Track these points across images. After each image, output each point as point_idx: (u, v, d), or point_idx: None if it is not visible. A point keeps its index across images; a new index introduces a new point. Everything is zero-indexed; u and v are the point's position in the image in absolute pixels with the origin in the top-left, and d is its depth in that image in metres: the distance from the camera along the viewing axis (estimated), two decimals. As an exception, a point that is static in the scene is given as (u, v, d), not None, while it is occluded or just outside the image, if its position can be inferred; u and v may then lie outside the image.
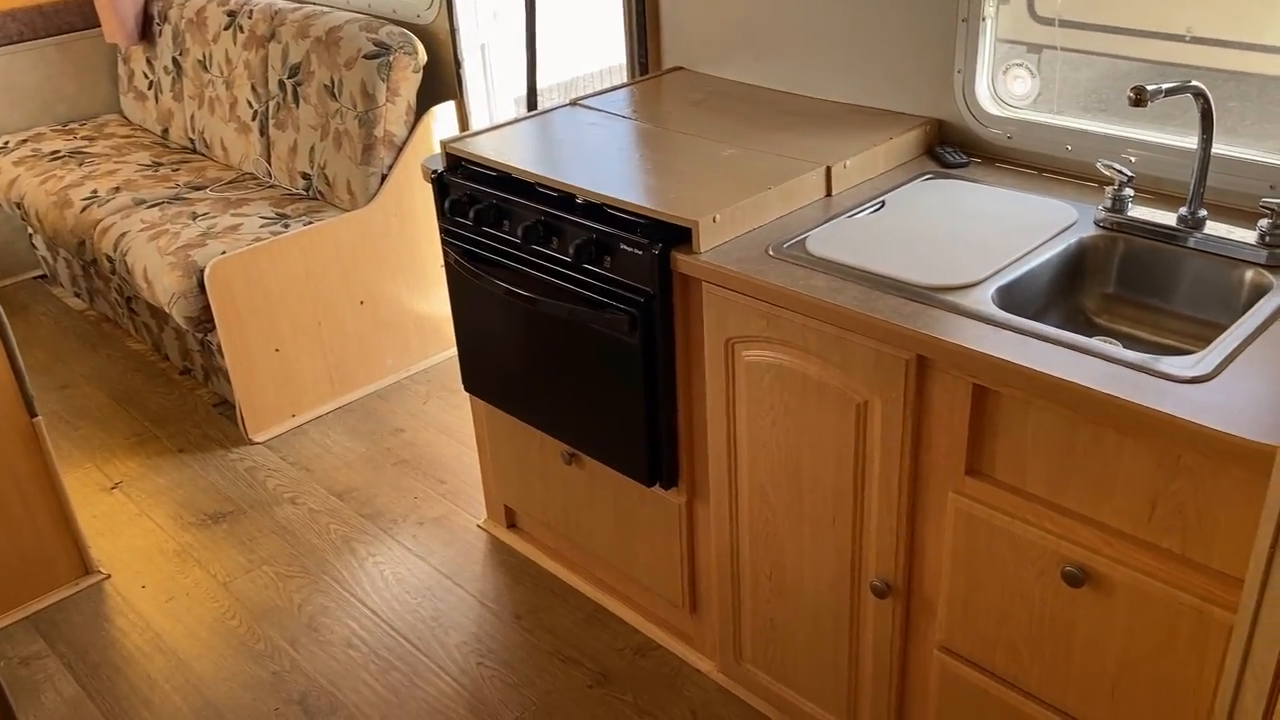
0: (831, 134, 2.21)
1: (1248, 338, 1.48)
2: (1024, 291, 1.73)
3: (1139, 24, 2.61)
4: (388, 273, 3.35)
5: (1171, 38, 2.58)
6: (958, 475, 1.63)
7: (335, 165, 3.30)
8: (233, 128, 3.69)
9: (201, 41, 3.77)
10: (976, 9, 2.09)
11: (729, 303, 1.84)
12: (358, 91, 3.18)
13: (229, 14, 3.66)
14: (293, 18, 3.42)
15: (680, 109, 2.45)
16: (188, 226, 3.22)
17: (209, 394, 3.44)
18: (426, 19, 3.29)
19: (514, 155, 2.23)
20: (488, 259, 2.25)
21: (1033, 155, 2.12)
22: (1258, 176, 1.81)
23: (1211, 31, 2.65)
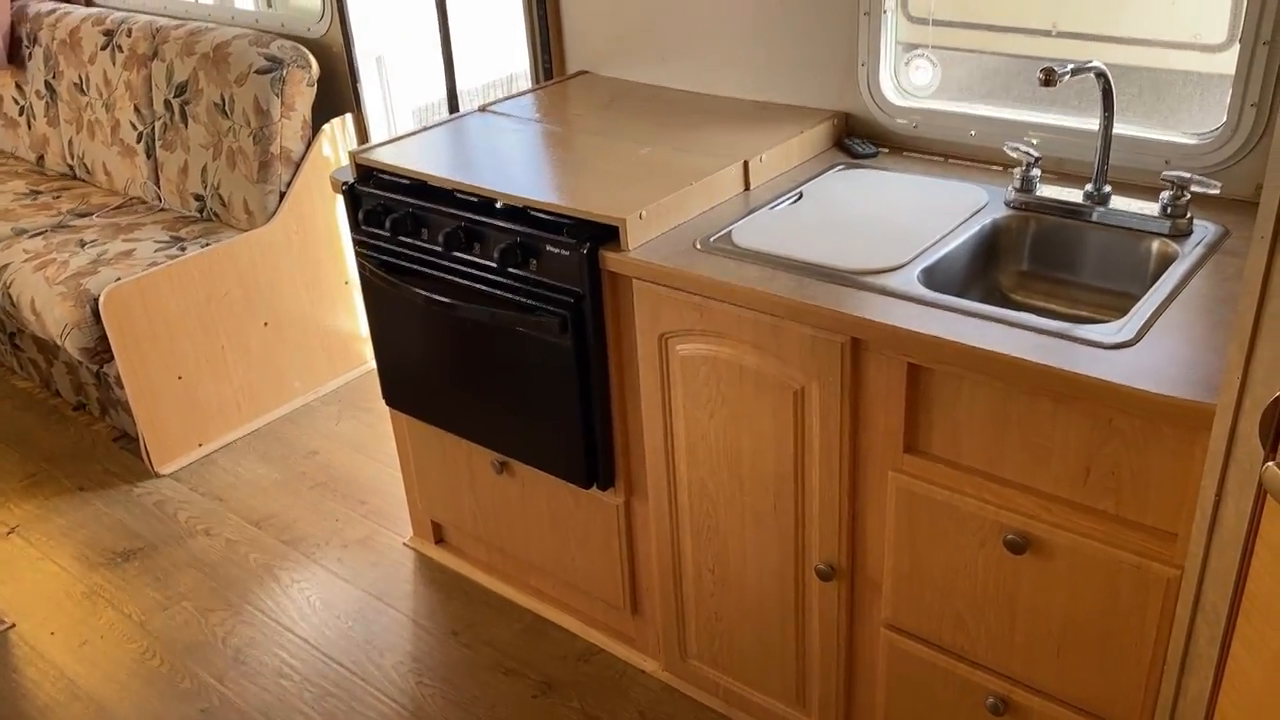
0: (744, 130, 2.24)
1: (1162, 303, 1.55)
2: (945, 272, 1.78)
3: (1008, 21, 2.72)
4: (291, 291, 3.27)
5: (1039, 33, 2.69)
6: (897, 454, 1.67)
7: (230, 184, 3.20)
8: (116, 151, 3.54)
9: (76, 63, 3.61)
10: (878, 3, 2.15)
11: (661, 297, 1.84)
12: (250, 108, 3.09)
13: (106, 33, 3.52)
14: (176, 35, 3.31)
15: (590, 111, 2.45)
16: (76, 254, 3.08)
17: (107, 428, 3.29)
18: (318, 32, 3.22)
19: (429, 162, 2.20)
20: (406, 268, 2.21)
21: (938, 142, 2.19)
22: (1155, 152, 1.90)
23: (1075, 26, 2.77)
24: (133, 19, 3.50)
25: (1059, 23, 2.84)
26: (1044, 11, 2.48)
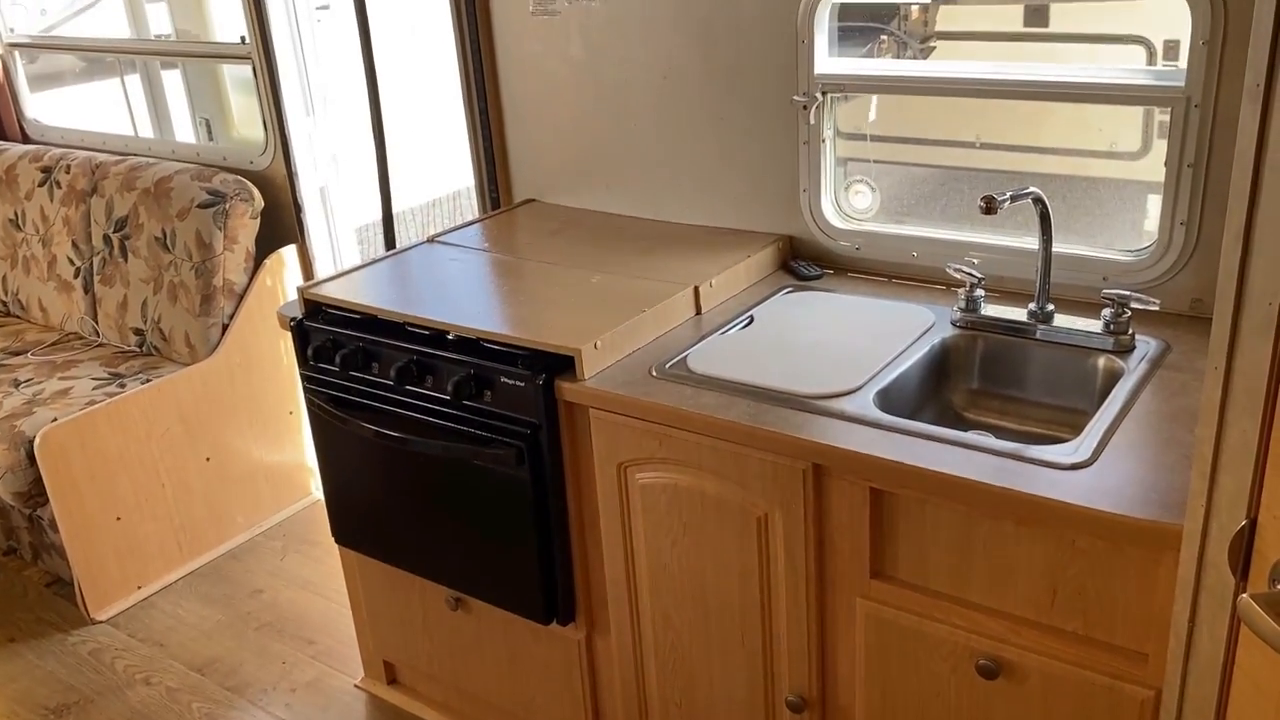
0: (692, 255, 2.27)
1: (1114, 421, 1.58)
2: (900, 394, 1.79)
3: (934, 134, 2.83)
4: (234, 425, 3.20)
5: (963, 145, 2.80)
6: (863, 579, 1.65)
7: (171, 318, 3.15)
8: (52, 287, 3.49)
9: (12, 199, 3.57)
10: (816, 133, 2.22)
11: (619, 426, 1.83)
12: (193, 241, 3.07)
13: (43, 170, 3.49)
14: (116, 170, 3.30)
15: (539, 239, 2.47)
16: (10, 395, 2.99)
17: (40, 573, 3.15)
18: (261, 164, 3.23)
19: (378, 296, 2.19)
20: (357, 403, 2.18)
21: (882, 264, 2.23)
22: (1094, 269, 1.96)
23: (996, 138, 2.89)
24: (71, 155, 3.48)
25: (982, 134, 2.96)
26: (968, 125, 2.58)
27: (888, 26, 2.70)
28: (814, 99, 2.18)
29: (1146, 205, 2.16)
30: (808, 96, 2.18)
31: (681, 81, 2.38)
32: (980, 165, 2.52)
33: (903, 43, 3.35)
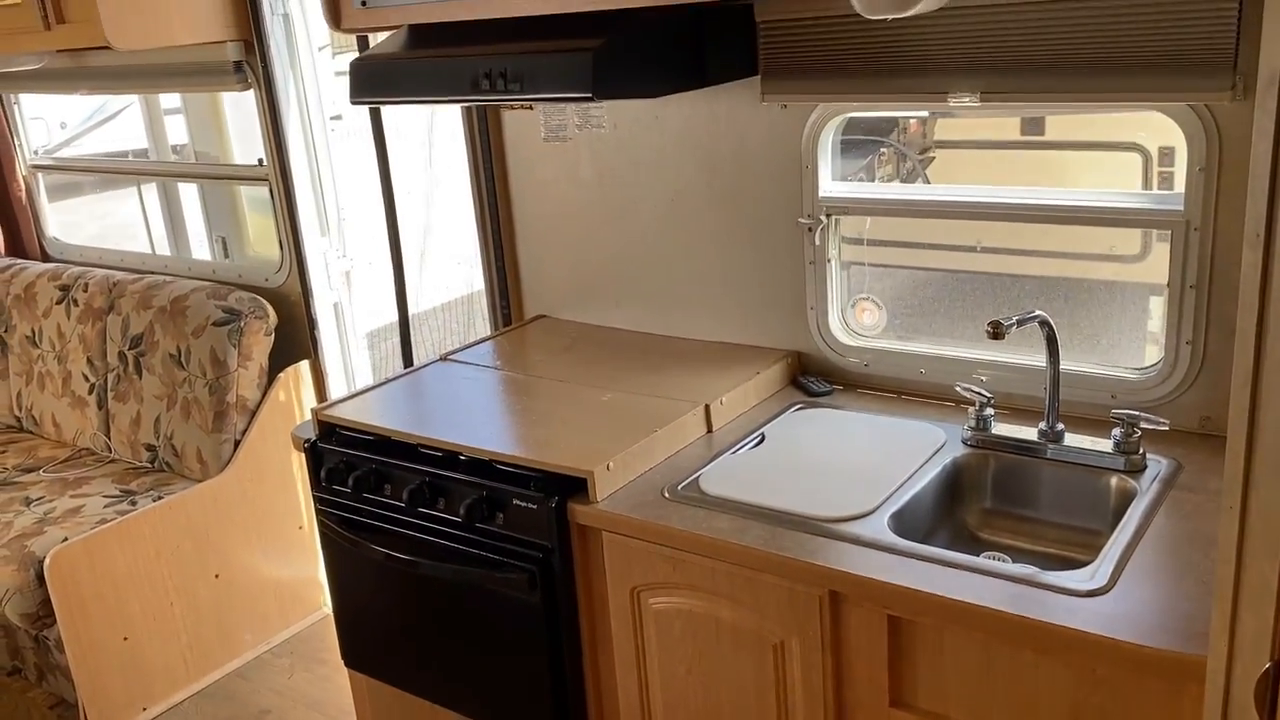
0: (701, 372, 2.30)
1: (1129, 544, 1.57)
2: (913, 516, 1.79)
3: (935, 238, 2.87)
4: (244, 541, 3.19)
5: (965, 249, 2.84)
6: (882, 708, 1.63)
7: (184, 434, 3.17)
8: (66, 403, 3.51)
9: (30, 317, 3.63)
10: (822, 253, 2.26)
11: (632, 550, 1.83)
12: (207, 359, 3.11)
13: (61, 288, 3.55)
14: (133, 289, 3.36)
15: (550, 356, 2.50)
16: (21, 514, 3.00)
17: (44, 695, 3.10)
18: (276, 282, 3.29)
19: (391, 417, 2.21)
20: (369, 525, 2.17)
21: (890, 380, 2.25)
22: (1102, 388, 1.98)
23: (997, 240, 2.92)
24: (89, 274, 3.54)
25: (983, 238, 3.00)
26: (969, 228, 2.62)
27: (887, 139, 2.77)
28: (818, 221, 2.23)
29: (1149, 306, 2.19)
30: (812, 219, 2.23)
31: (688, 203, 2.43)
32: (982, 269, 2.56)
33: (902, 154, 3.43)
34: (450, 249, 5.95)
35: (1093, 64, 1.78)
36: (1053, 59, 1.81)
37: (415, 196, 5.95)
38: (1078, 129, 2.48)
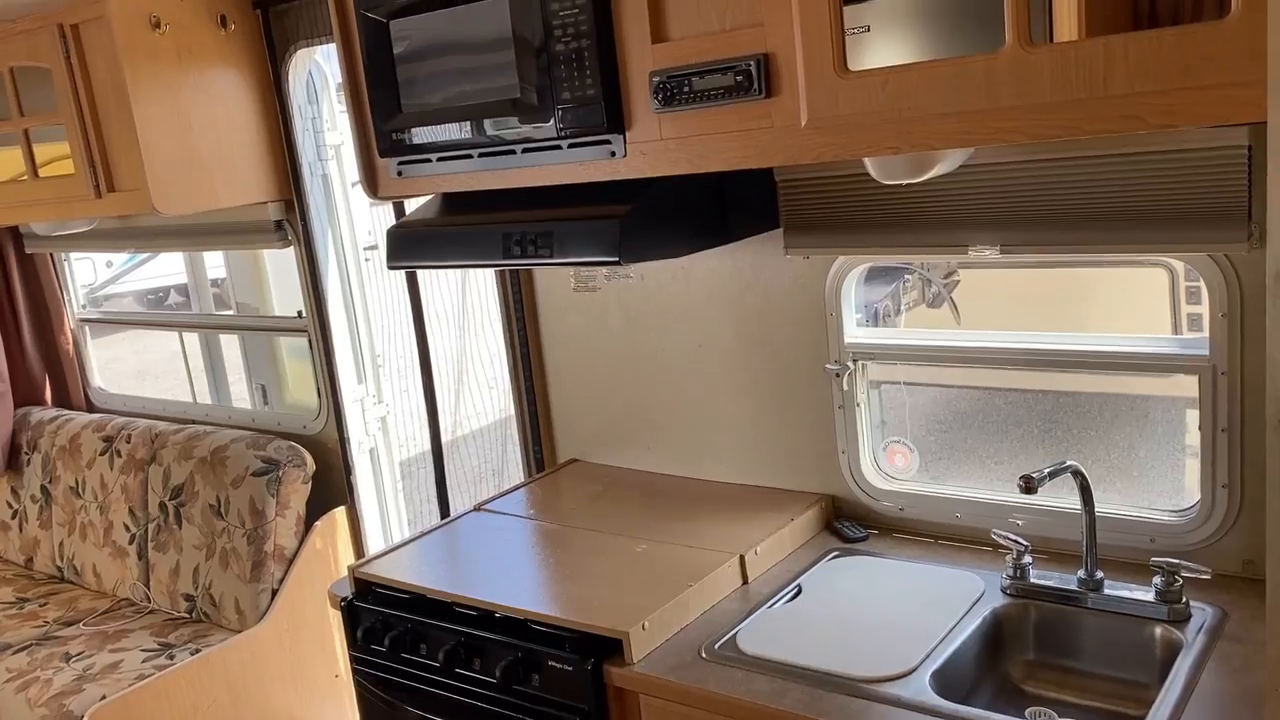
0: (735, 519, 2.30)
1: (1178, 702, 1.54)
2: (955, 672, 1.76)
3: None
4: (279, 691, 3.17)
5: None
6: None
7: (222, 584, 3.19)
8: (107, 553, 3.55)
9: (74, 468, 3.70)
10: (850, 398, 2.28)
11: (671, 714, 1.81)
12: (246, 509, 3.15)
13: (105, 439, 3.63)
14: (175, 439, 3.42)
15: (583, 504, 2.51)
16: (61, 671, 3.00)
17: None
18: (314, 429, 3.35)
19: (427, 574, 2.22)
20: (406, 686, 2.17)
21: (926, 524, 2.24)
22: (1140, 531, 1.96)
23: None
24: (133, 425, 3.62)
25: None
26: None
27: (911, 264, 2.81)
28: (845, 367, 2.25)
29: (1185, 420, 2.17)
30: (839, 365, 2.26)
31: (716, 350, 2.47)
32: (1014, 384, 2.55)
33: (927, 280, 3.46)
34: (484, 373, 6.05)
35: (1110, 216, 1.82)
36: (1071, 212, 1.85)
37: (448, 322, 6.08)
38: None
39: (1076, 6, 1.78)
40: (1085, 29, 1.76)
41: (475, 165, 2.10)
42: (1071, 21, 1.79)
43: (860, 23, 1.95)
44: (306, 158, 3.09)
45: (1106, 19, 1.79)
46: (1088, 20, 1.79)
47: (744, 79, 1.72)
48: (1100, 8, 1.79)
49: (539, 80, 1.92)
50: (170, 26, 2.76)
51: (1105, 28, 1.77)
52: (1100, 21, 1.77)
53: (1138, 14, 1.87)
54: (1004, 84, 1.48)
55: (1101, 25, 1.77)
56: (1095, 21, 1.78)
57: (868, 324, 4.18)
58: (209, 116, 2.88)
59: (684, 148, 1.84)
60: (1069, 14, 1.80)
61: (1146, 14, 1.87)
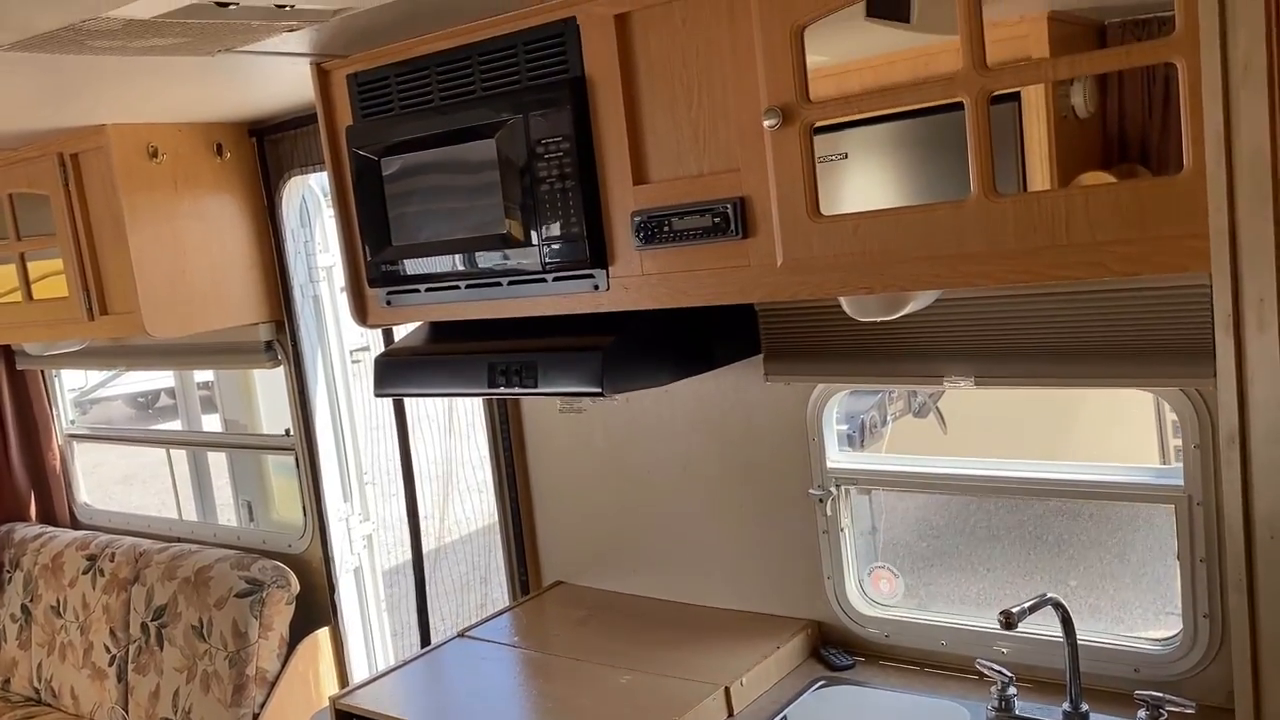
0: (720, 647, 2.28)
1: (1167, 846, 1.52)
2: (943, 810, 1.74)
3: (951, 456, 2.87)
4: (258, 821, 3.09)
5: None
6: None
7: (202, 708, 3.13)
8: (85, 674, 3.49)
9: (56, 587, 3.66)
10: (834, 522, 2.29)
11: None
12: (229, 631, 3.11)
13: (89, 558, 3.60)
14: (159, 559, 3.40)
15: (567, 629, 2.50)
16: (33, 802, 2.93)
17: None
18: (299, 548, 3.33)
19: (409, 707, 2.19)
20: (385, 823, 2.12)
21: (912, 651, 2.23)
22: (1124, 660, 1.96)
23: (1020, 440, 2.92)
24: (117, 543, 3.60)
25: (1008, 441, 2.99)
26: (988, 453, 2.63)
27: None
28: (828, 492, 2.27)
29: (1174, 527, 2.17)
30: (822, 490, 2.28)
31: (700, 472, 2.49)
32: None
33: (913, 390, 3.48)
34: (473, 476, 6.02)
35: (1084, 350, 1.86)
36: (1044, 345, 1.89)
37: (437, 425, 6.08)
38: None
39: (1047, 149, 1.86)
40: (1056, 169, 1.83)
41: (462, 296, 2.14)
42: (1044, 162, 1.87)
43: (838, 150, 2.02)
44: (298, 279, 3.14)
45: (1077, 160, 1.87)
46: (1059, 161, 1.87)
47: (721, 220, 1.77)
48: (1070, 150, 1.87)
49: (525, 216, 1.97)
50: (168, 156, 2.83)
51: (1077, 168, 1.85)
52: (1071, 163, 1.84)
53: (1108, 155, 1.96)
54: (970, 231, 1.53)
55: (1073, 166, 1.84)
56: (1065, 163, 1.86)
57: (854, 435, 4.21)
58: (203, 241, 2.94)
59: (665, 283, 1.88)
60: (1040, 156, 1.88)
61: (1117, 156, 1.95)
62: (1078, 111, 1.90)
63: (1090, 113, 1.89)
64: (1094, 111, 1.89)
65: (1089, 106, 1.89)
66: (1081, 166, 1.89)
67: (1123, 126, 1.91)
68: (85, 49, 1.42)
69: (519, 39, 1.95)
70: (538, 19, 1.92)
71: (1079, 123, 1.92)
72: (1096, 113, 1.89)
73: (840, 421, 3.87)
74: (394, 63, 2.14)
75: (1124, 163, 1.91)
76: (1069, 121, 1.90)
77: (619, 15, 1.83)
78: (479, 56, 2.02)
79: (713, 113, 1.77)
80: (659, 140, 1.85)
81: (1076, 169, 1.88)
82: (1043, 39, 1.88)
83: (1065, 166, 1.87)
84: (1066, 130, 1.87)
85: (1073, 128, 1.90)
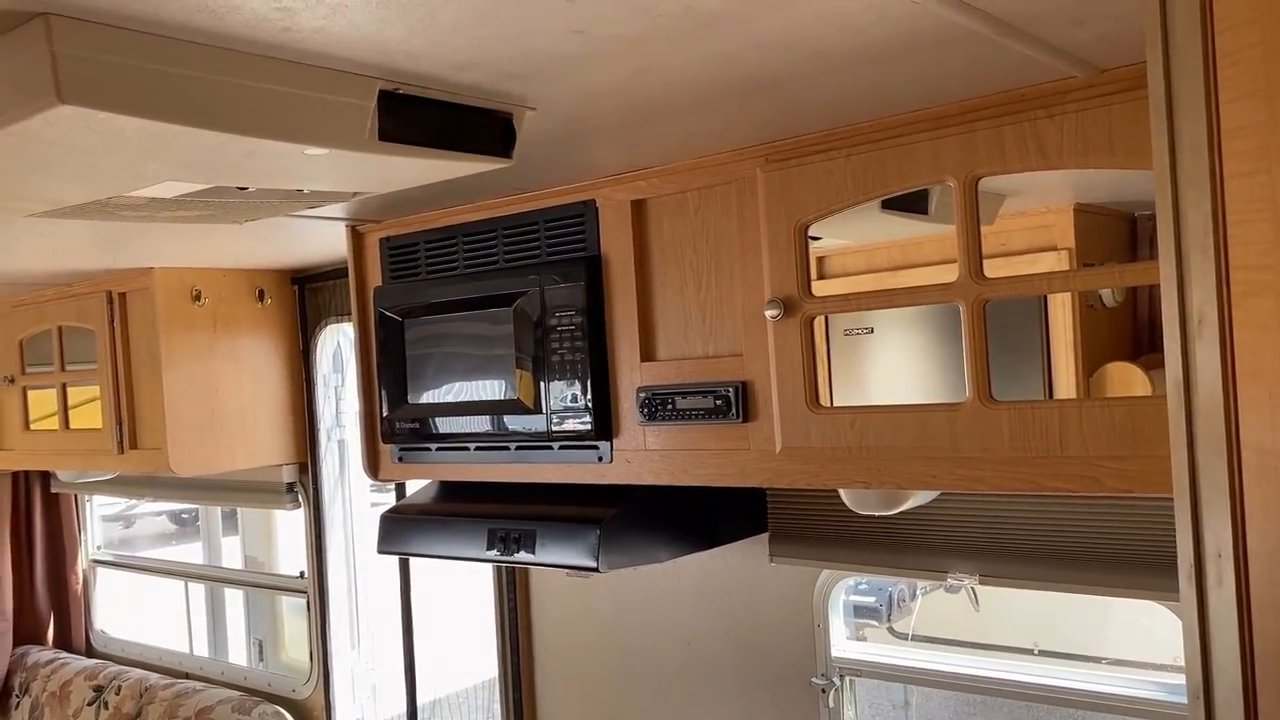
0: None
1: None
2: None
3: (989, 638, 2.77)
4: None
5: (1021, 651, 2.72)
6: None
7: None
8: (77, 812, 3.43)
9: (61, 716, 3.63)
10: (838, 715, 2.21)
11: None
12: (221, 777, 3.05)
13: (96, 689, 3.58)
14: (163, 695, 3.37)
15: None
16: None
17: None
18: (303, 694, 3.28)
19: None
20: None
21: None
22: None
23: (1056, 645, 2.81)
24: (125, 675, 3.58)
25: (1040, 641, 2.88)
26: (1025, 629, 2.52)
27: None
28: (832, 683, 2.20)
29: None
30: (825, 680, 2.21)
31: (703, 650, 2.43)
32: (1031, 678, 2.44)
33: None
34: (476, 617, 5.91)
35: (1089, 555, 1.81)
36: (1049, 548, 1.85)
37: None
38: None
39: (1073, 338, 1.86)
40: (1082, 360, 1.82)
41: (471, 457, 2.16)
42: (1068, 350, 1.86)
43: (864, 324, 2.04)
44: (325, 423, 3.19)
45: (1104, 350, 1.86)
46: (1084, 351, 1.86)
47: (723, 403, 1.78)
48: (1097, 339, 1.87)
49: (535, 383, 2.00)
50: (210, 299, 2.93)
51: (1103, 358, 1.84)
52: (1097, 354, 1.84)
53: (1137, 344, 1.95)
54: (965, 435, 1.52)
55: (1099, 356, 1.84)
56: (1091, 353, 1.85)
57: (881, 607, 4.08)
58: (236, 382, 3.01)
59: (667, 460, 1.88)
60: (1065, 344, 1.87)
61: (1147, 345, 1.94)
62: (1105, 301, 1.91)
63: (1118, 302, 1.89)
64: (1122, 300, 1.89)
65: (1117, 296, 1.89)
66: (1108, 356, 1.88)
67: (1153, 315, 1.91)
68: (115, 218, 1.50)
69: (541, 216, 2.02)
70: (560, 199, 1.99)
71: (1107, 312, 1.92)
72: (1126, 301, 1.89)
73: (868, 593, 3.79)
74: (424, 230, 2.23)
75: (1154, 352, 1.90)
76: (1096, 311, 1.90)
77: (636, 201, 1.89)
78: (503, 230, 2.09)
79: (720, 297, 1.81)
80: (667, 320, 1.88)
81: (1103, 359, 1.87)
82: (1068, 230, 1.90)
83: (1091, 357, 1.86)
84: (1094, 320, 1.88)
85: (1100, 317, 1.90)
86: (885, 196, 1.62)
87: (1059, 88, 1.42)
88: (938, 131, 1.53)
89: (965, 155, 1.50)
